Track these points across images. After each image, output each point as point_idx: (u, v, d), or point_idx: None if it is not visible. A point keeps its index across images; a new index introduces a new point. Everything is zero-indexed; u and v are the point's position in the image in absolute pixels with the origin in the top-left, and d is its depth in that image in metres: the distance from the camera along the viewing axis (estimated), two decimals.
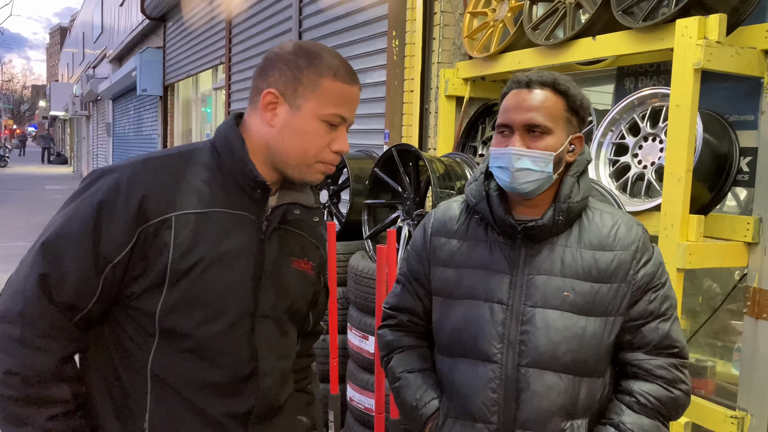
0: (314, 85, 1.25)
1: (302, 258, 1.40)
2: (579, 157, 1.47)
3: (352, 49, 4.88)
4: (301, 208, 1.36)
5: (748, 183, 2.38)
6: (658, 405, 1.42)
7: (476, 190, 1.50)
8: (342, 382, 3.18)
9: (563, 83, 1.43)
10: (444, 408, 1.51)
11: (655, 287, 1.45)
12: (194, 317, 1.22)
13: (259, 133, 1.28)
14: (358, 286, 3.00)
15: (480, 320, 1.45)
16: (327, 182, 3.81)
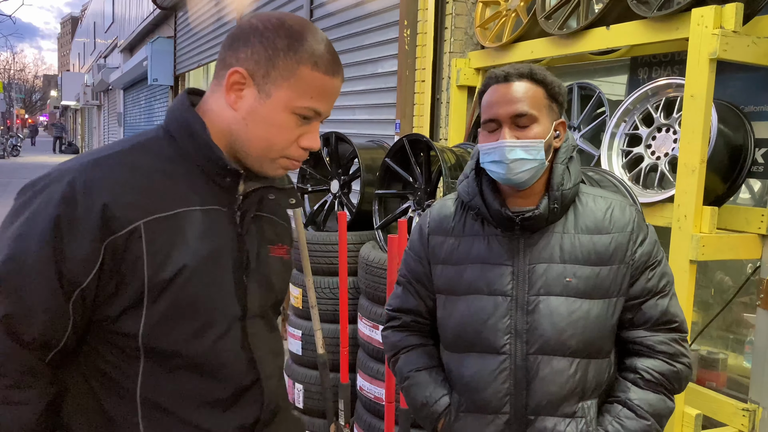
0: (290, 72, 1.10)
1: (277, 243, 1.28)
2: (564, 143, 1.50)
3: (363, 38, 4.87)
4: (276, 191, 1.22)
5: (762, 175, 2.36)
6: (662, 379, 1.46)
7: (469, 187, 1.53)
8: (352, 372, 3.19)
9: (539, 72, 1.45)
10: (455, 403, 1.53)
11: (653, 265, 1.48)
12: (182, 332, 1.09)
13: (222, 116, 1.13)
14: (369, 276, 3.01)
15: (484, 313, 1.47)
16: (338, 172, 3.81)
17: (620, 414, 1.45)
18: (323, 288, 3.38)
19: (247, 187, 1.19)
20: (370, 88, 4.79)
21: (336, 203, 3.79)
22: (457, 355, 1.53)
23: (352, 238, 3.39)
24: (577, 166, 1.51)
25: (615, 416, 1.45)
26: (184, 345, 1.10)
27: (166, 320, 1.07)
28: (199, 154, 1.12)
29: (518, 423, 1.45)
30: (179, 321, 1.08)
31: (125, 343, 1.07)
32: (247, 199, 1.18)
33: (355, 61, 5.01)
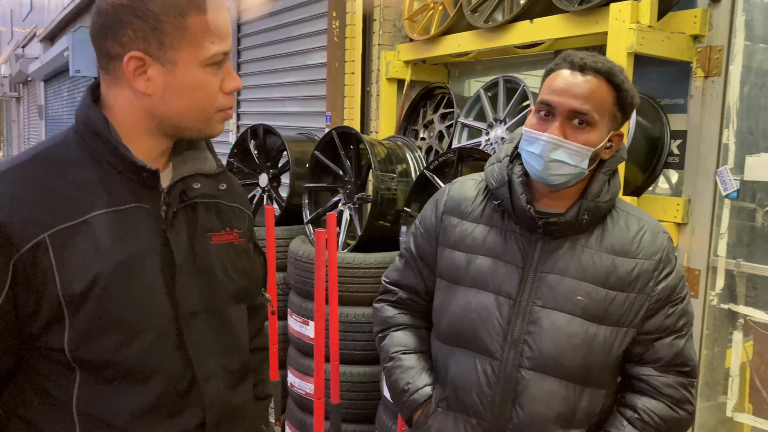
0: (181, 29, 1.03)
1: (224, 229, 1.21)
2: (615, 154, 1.37)
3: (292, 29, 4.79)
4: (202, 178, 1.16)
5: (678, 165, 2.44)
6: (661, 424, 1.36)
7: (498, 174, 1.40)
8: (283, 368, 3.14)
9: (618, 74, 1.29)
10: (436, 396, 1.45)
11: (674, 301, 1.36)
12: (110, 342, 1.03)
13: (135, 106, 1.07)
14: (299, 271, 2.96)
15: (484, 311, 1.37)
16: (267, 166, 3.73)
17: None
18: None
19: (172, 177, 1.13)
20: (299, 80, 4.73)
21: (265, 197, 3.72)
22: (447, 348, 1.44)
23: (281, 232, 3.34)
24: (618, 179, 1.39)
25: None
26: (114, 354, 1.04)
27: (91, 331, 1.02)
28: (109, 154, 1.06)
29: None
30: (105, 330, 1.03)
31: (56, 356, 1.03)
32: (171, 192, 1.12)
33: (284, 52, 4.93)
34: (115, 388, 1.06)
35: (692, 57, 2.31)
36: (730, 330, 2.31)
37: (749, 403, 2.32)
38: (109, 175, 1.06)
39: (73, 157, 1.06)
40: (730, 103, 2.25)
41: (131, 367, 1.06)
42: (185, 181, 1.14)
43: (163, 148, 1.13)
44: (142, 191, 1.09)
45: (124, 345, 1.04)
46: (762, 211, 2.21)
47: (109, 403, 1.06)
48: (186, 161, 1.16)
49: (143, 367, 1.07)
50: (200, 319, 1.14)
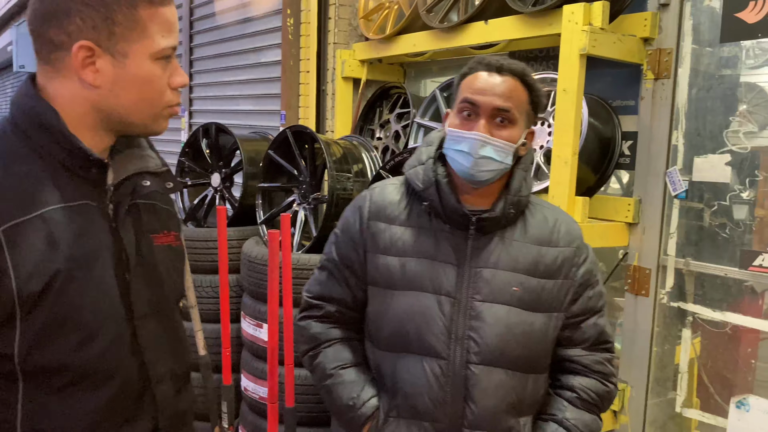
0: (133, 21, 1.01)
1: (162, 231, 1.20)
2: (529, 152, 1.47)
3: (246, 26, 4.71)
4: (150, 176, 1.14)
5: (629, 166, 2.48)
6: (597, 399, 1.47)
7: (424, 176, 1.43)
8: (236, 372, 3.08)
9: (530, 76, 1.41)
10: (384, 406, 1.43)
11: (593, 284, 1.48)
12: (68, 343, 1.00)
13: (80, 98, 1.03)
14: (252, 273, 2.91)
15: (427, 313, 1.38)
16: (219, 165, 3.66)
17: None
18: (204, 287, 3.24)
19: (117, 176, 1.10)
20: (253, 78, 4.65)
21: (217, 197, 3.64)
22: (391, 355, 1.43)
23: (234, 233, 3.27)
24: (531, 178, 1.49)
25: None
26: (71, 356, 1.00)
27: (46, 333, 0.98)
28: (57, 148, 1.02)
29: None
30: (61, 332, 0.99)
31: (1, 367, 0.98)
32: (118, 190, 1.10)
33: (237, 49, 4.84)
34: (67, 397, 1.01)
35: (643, 59, 2.35)
36: (680, 327, 2.36)
37: (697, 398, 2.37)
38: (55, 171, 1.02)
39: (16, 151, 1.02)
40: (678, 105, 2.30)
41: (87, 370, 1.02)
42: (134, 179, 1.12)
43: (106, 145, 1.10)
44: (88, 188, 1.06)
45: (81, 347, 1.01)
46: (709, 210, 2.26)
47: (61, 415, 1.01)
48: (129, 159, 1.13)
49: (99, 370, 1.04)
50: (150, 321, 1.13)
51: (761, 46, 2.13)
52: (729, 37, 2.18)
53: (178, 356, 1.19)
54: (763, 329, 2.15)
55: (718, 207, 2.23)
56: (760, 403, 2.09)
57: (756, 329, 2.17)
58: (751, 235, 2.15)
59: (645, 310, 2.39)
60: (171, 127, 6.38)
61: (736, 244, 2.18)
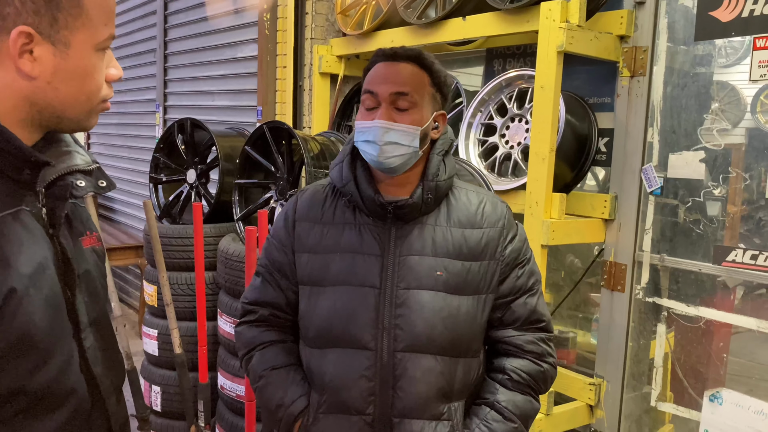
0: (78, 8, 0.93)
1: (86, 232, 1.11)
2: (443, 135, 1.47)
3: (221, 21, 4.66)
4: (82, 176, 1.03)
5: (605, 163, 2.50)
6: (530, 380, 1.46)
7: (342, 172, 1.46)
8: (213, 370, 3.05)
9: (428, 58, 1.42)
10: (314, 404, 1.43)
11: (522, 263, 1.48)
12: (23, 367, 0.90)
13: (11, 90, 0.93)
14: (229, 270, 2.88)
15: (352, 306, 1.39)
16: (195, 161, 3.61)
17: (488, 416, 1.42)
18: (180, 284, 3.20)
19: (46, 177, 0.97)
20: (229, 73, 4.60)
21: (193, 194, 3.60)
22: (319, 352, 1.44)
23: (210, 230, 3.24)
24: (452, 160, 1.49)
25: (483, 419, 1.42)
26: (26, 380, 0.91)
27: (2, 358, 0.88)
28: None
29: (382, 425, 1.38)
30: (17, 355, 0.90)
31: None
32: (52, 192, 0.99)
33: (213, 44, 4.78)
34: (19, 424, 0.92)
35: (619, 57, 2.37)
36: (654, 322, 2.39)
37: (671, 391, 2.40)
38: None
39: None
40: (654, 102, 2.32)
41: (43, 394, 0.94)
42: (66, 179, 1.00)
43: (34, 142, 1.00)
44: (19, 192, 0.95)
45: (37, 369, 0.92)
46: (684, 207, 2.28)
47: None
48: (56, 157, 1.01)
49: (54, 392, 0.96)
50: (91, 332, 1.05)
51: (732, 45, 2.16)
52: (703, 36, 2.20)
53: (115, 366, 1.13)
54: (735, 323, 2.18)
55: (692, 203, 2.26)
56: (732, 396, 2.13)
57: (728, 323, 2.20)
58: (724, 231, 2.18)
59: (621, 306, 2.41)
60: (145, 122, 6.28)
61: (709, 240, 2.22)
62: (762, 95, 2.07)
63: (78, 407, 1.00)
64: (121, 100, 6.36)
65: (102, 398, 1.05)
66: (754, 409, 2.07)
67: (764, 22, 2.02)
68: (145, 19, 5.87)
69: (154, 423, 3.30)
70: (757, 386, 2.12)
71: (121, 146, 6.54)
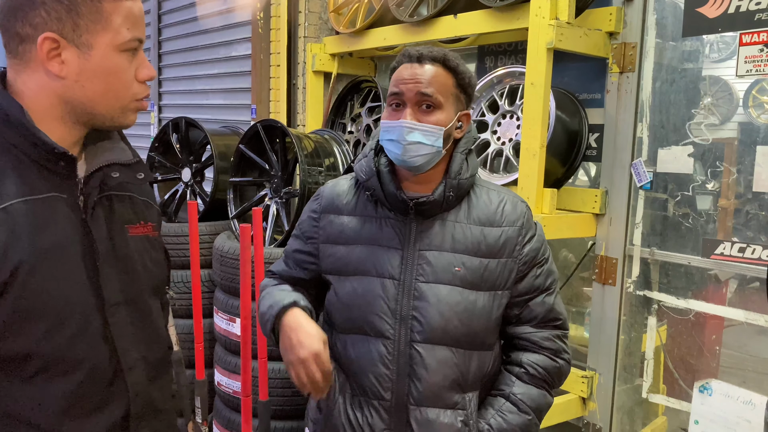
0: (97, 14, 1.04)
1: (138, 222, 1.23)
2: (467, 134, 1.50)
3: (215, 20, 4.67)
4: (120, 168, 1.17)
5: (596, 158, 2.53)
6: (545, 375, 1.50)
7: (366, 167, 1.50)
8: (209, 367, 3.07)
9: (453, 60, 1.44)
10: (340, 384, 1.50)
11: (540, 263, 1.51)
12: (34, 332, 1.02)
13: (47, 90, 1.06)
14: (224, 268, 2.90)
15: (371, 295, 1.44)
16: (190, 160, 3.63)
17: (503, 408, 1.47)
18: (176, 282, 3.22)
19: (87, 168, 1.13)
20: (224, 72, 4.62)
21: (188, 192, 3.62)
22: (344, 336, 1.50)
23: (206, 228, 3.26)
24: (475, 158, 1.52)
25: (498, 410, 1.47)
26: (38, 345, 1.03)
27: (13, 323, 1.01)
28: (23, 142, 1.05)
29: (399, 411, 1.43)
30: (29, 321, 1.02)
31: None
32: (89, 182, 1.12)
33: (207, 43, 4.80)
34: (36, 385, 1.04)
35: (608, 53, 2.39)
36: (645, 315, 2.42)
37: (663, 384, 2.43)
38: (21, 164, 1.05)
39: None
40: (643, 98, 2.35)
41: (55, 358, 1.05)
42: (103, 171, 1.14)
43: (77, 137, 1.13)
44: (57, 180, 1.08)
45: (48, 335, 1.03)
46: (673, 201, 2.31)
47: (31, 401, 1.04)
48: (101, 152, 1.16)
49: (67, 358, 1.06)
50: (122, 309, 1.15)
51: (725, 40, 2.18)
52: (691, 32, 2.23)
53: (151, 344, 1.22)
54: (723, 315, 2.21)
55: (681, 197, 2.29)
56: (722, 387, 2.16)
57: (719, 316, 2.23)
58: (713, 224, 2.21)
59: (612, 299, 2.44)
60: (140, 122, 6.28)
61: (699, 234, 2.24)
62: (754, 90, 2.10)
63: (94, 374, 1.10)
64: None
65: (123, 371, 1.14)
66: (742, 400, 2.10)
67: (750, 17, 2.05)
68: None
69: None
70: (750, 378, 2.15)
71: None
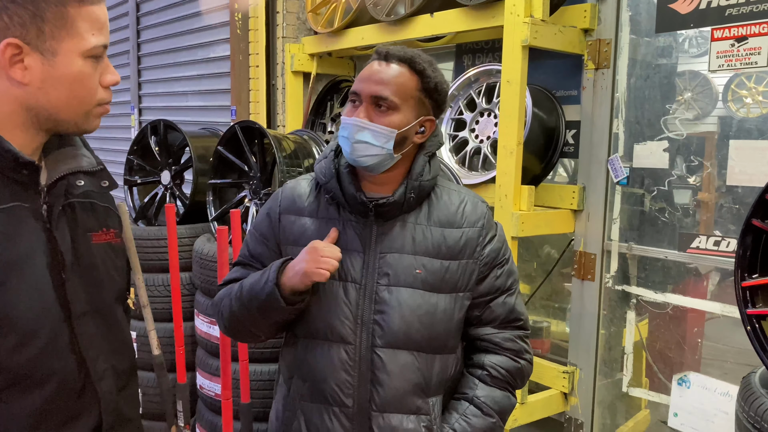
0: (62, 19, 1.02)
1: (101, 229, 1.20)
2: (432, 139, 1.48)
3: (193, 22, 4.64)
4: (84, 176, 1.15)
5: (573, 154, 2.54)
6: (508, 376, 1.49)
7: (326, 168, 1.46)
8: (191, 371, 3.06)
9: (421, 62, 1.40)
10: (298, 390, 1.46)
11: (501, 263, 1.50)
12: (3, 346, 1.00)
13: (8, 96, 1.03)
14: (205, 270, 2.88)
15: (333, 300, 1.41)
16: (168, 162, 3.61)
17: (467, 411, 1.45)
18: (157, 285, 3.20)
19: (50, 176, 1.10)
20: (202, 74, 4.59)
21: (168, 195, 3.59)
22: (303, 341, 1.46)
23: (185, 231, 3.24)
24: (438, 161, 1.50)
25: (462, 414, 1.45)
26: (7, 360, 1.00)
27: None
28: None
29: (361, 418, 1.40)
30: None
31: None
32: (52, 190, 1.09)
33: (185, 45, 4.77)
34: (3, 400, 1.01)
35: (583, 50, 2.40)
36: (625, 310, 2.43)
37: (646, 377, 2.45)
38: None
39: None
40: (618, 94, 2.37)
41: (24, 372, 1.02)
42: (67, 179, 1.12)
43: (38, 144, 1.10)
44: (19, 189, 1.05)
45: (18, 349, 1.01)
46: (649, 196, 2.33)
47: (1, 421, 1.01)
48: (62, 159, 1.13)
49: (36, 371, 1.04)
50: (89, 319, 1.14)
51: (703, 35, 2.19)
52: (663, 27, 2.25)
53: (119, 354, 1.20)
54: (700, 308, 2.23)
55: (657, 192, 2.31)
56: (699, 380, 2.18)
57: (697, 309, 2.25)
58: (689, 218, 2.23)
59: (591, 294, 2.46)
60: (121, 124, 6.22)
61: (675, 228, 2.26)
62: (733, 84, 2.11)
63: (63, 387, 1.07)
64: None
65: (92, 381, 1.12)
66: (720, 391, 2.12)
67: (721, 13, 2.07)
68: (117, 21, 5.83)
69: None
70: (731, 369, 2.17)
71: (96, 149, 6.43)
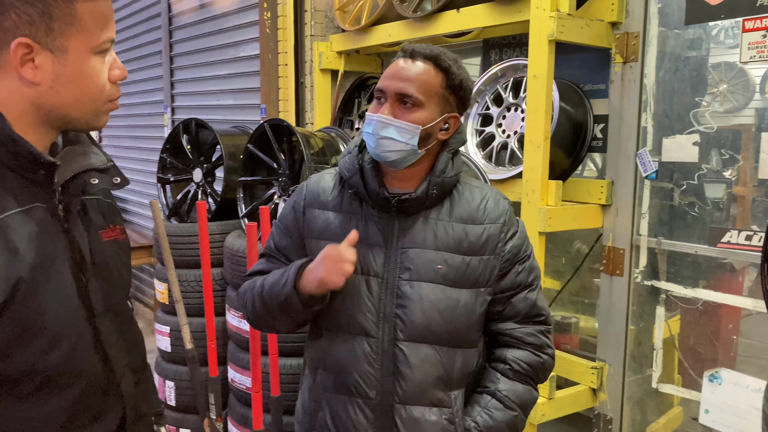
0: (71, 16, 1.00)
1: (108, 225, 1.20)
2: (456, 136, 1.49)
3: (223, 21, 4.71)
4: (98, 174, 1.12)
5: (602, 149, 2.52)
6: (530, 370, 1.51)
7: (350, 163, 1.49)
8: (223, 364, 3.12)
9: (446, 60, 1.42)
10: (322, 381, 1.49)
11: (522, 259, 1.51)
12: (34, 349, 1.00)
13: (19, 96, 1.01)
14: (235, 266, 2.94)
15: (356, 294, 1.44)
16: (200, 160, 3.67)
17: (489, 404, 1.48)
18: (190, 281, 3.27)
19: (63, 175, 1.08)
20: (233, 73, 4.66)
21: (199, 193, 3.66)
22: (328, 334, 1.49)
23: (217, 227, 3.30)
24: (461, 158, 1.52)
25: (484, 407, 1.47)
26: (37, 362, 1.01)
27: (13, 342, 0.97)
28: (3, 151, 1.00)
29: (384, 409, 1.43)
30: (27, 339, 0.99)
31: None
32: (67, 189, 1.08)
33: (216, 44, 4.84)
34: (34, 402, 1.02)
35: (611, 43, 2.38)
36: (654, 305, 2.41)
37: (678, 374, 2.42)
38: (2, 174, 1.01)
39: None
40: (647, 87, 2.34)
41: (54, 374, 1.03)
42: (81, 177, 1.10)
43: (48, 142, 1.09)
44: (34, 189, 1.04)
45: (48, 352, 1.01)
46: (679, 190, 2.30)
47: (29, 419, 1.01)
48: (73, 157, 1.11)
49: (65, 372, 1.05)
50: (108, 318, 1.14)
51: (739, 25, 2.14)
52: (693, 19, 2.21)
53: (133, 350, 1.22)
54: (732, 304, 2.20)
55: (687, 186, 2.28)
56: (731, 376, 2.15)
57: (731, 305, 2.21)
58: (720, 212, 2.20)
59: (620, 290, 2.44)
60: (154, 123, 6.34)
61: (705, 222, 2.23)
62: None
63: (90, 385, 1.09)
64: (130, 102, 6.44)
65: (116, 379, 1.14)
66: (752, 388, 2.09)
67: (752, 3, 2.03)
68: (150, 22, 5.94)
69: (169, 417, 3.37)
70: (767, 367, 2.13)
71: (131, 147, 6.63)
